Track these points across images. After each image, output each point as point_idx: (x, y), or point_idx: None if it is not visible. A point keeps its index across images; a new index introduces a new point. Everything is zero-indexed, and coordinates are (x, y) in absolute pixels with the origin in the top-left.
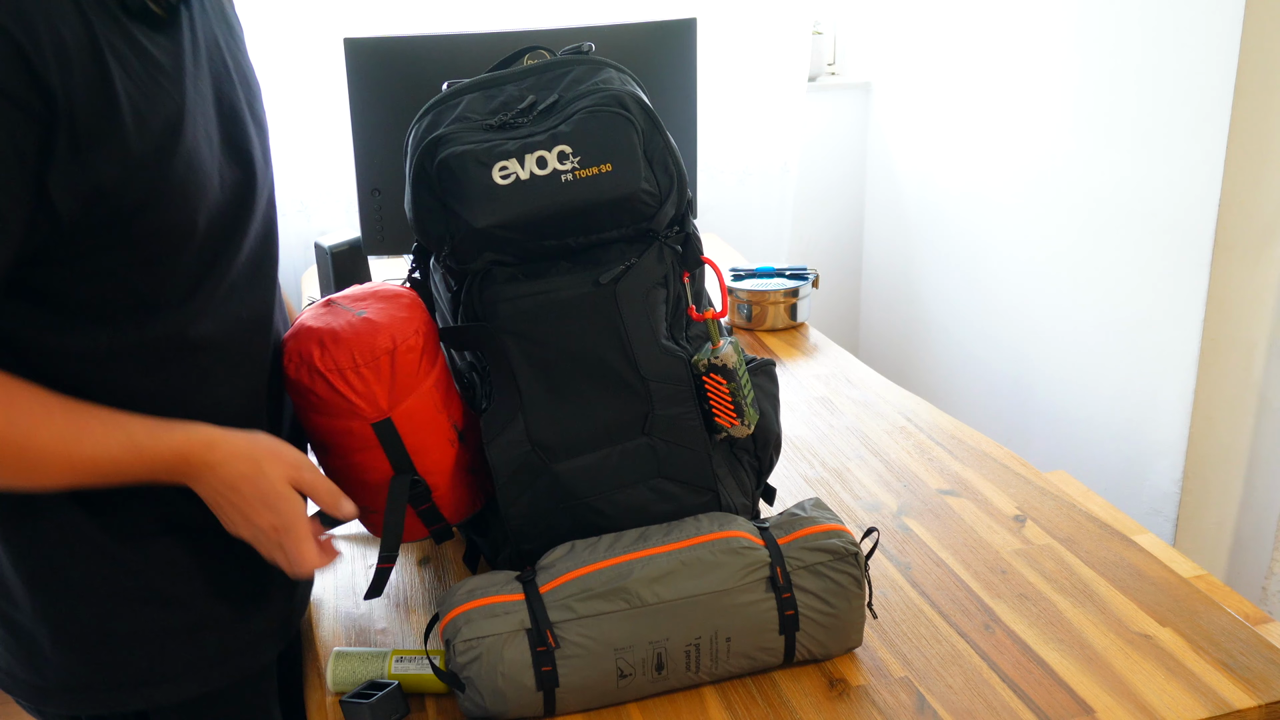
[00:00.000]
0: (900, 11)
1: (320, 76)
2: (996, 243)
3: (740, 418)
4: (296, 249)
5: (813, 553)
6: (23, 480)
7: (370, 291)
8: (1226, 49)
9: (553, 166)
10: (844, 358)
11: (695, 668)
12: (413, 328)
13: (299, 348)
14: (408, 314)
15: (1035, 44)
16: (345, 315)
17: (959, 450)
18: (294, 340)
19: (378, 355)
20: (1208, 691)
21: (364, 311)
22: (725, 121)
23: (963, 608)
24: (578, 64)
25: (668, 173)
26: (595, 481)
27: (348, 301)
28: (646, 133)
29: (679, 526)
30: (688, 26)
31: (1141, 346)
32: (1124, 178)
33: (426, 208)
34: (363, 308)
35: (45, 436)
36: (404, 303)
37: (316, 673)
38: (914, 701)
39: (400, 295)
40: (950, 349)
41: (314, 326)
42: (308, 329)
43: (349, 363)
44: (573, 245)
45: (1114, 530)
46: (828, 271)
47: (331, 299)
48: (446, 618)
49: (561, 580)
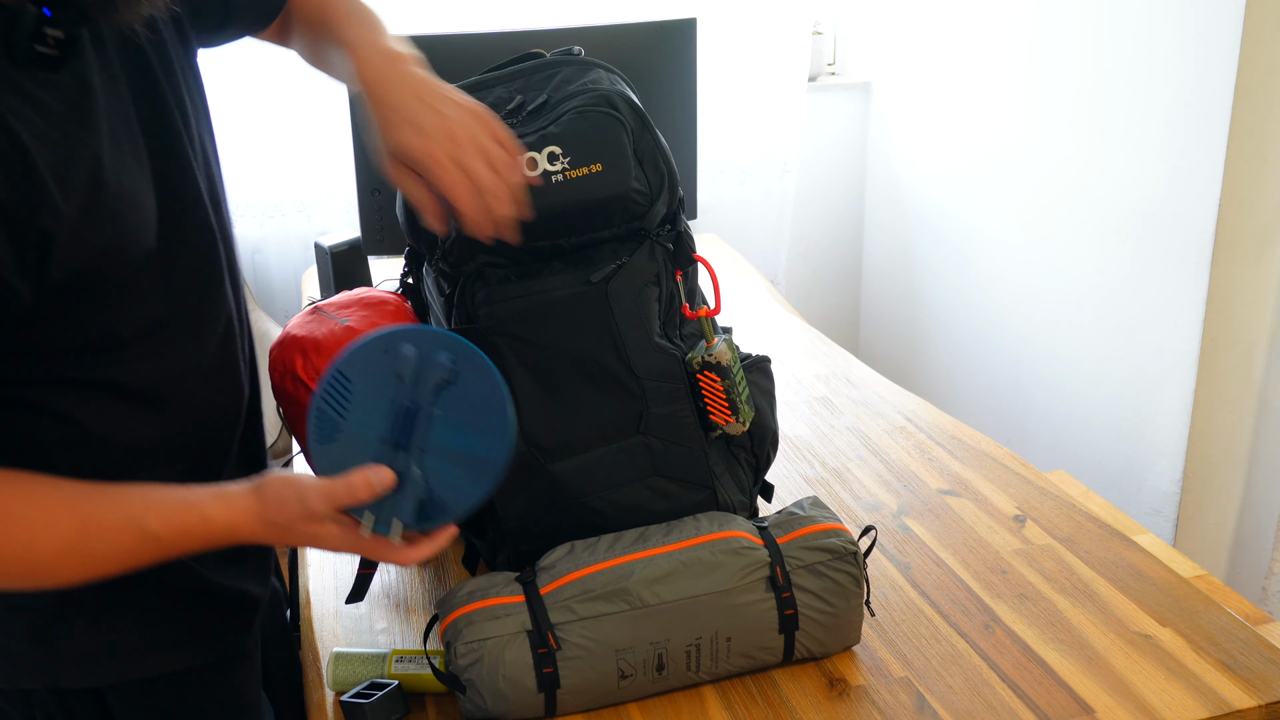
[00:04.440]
0: (900, 11)
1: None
2: (996, 242)
3: (735, 415)
4: (296, 249)
5: (812, 552)
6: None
7: (357, 298)
8: (1226, 49)
9: (543, 167)
10: (844, 358)
11: (695, 668)
12: None
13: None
14: (390, 321)
15: (1035, 44)
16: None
17: (959, 450)
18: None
19: None
20: (1208, 691)
21: (347, 319)
22: (725, 121)
23: (963, 608)
24: (566, 64)
25: (658, 171)
26: (591, 481)
27: (333, 309)
28: (636, 132)
29: (679, 526)
30: (688, 26)
31: (1141, 346)
32: (1124, 178)
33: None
34: (346, 315)
35: (47, 546)
36: (388, 310)
37: (316, 673)
38: (914, 701)
39: (386, 302)
40: (950, 349)
41: (298, 335)
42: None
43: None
44: (565, 245)
45: (1114, 530)
46: (828, 271)
47: (318, 306)
48: (447, 619)
49: (562, 582)
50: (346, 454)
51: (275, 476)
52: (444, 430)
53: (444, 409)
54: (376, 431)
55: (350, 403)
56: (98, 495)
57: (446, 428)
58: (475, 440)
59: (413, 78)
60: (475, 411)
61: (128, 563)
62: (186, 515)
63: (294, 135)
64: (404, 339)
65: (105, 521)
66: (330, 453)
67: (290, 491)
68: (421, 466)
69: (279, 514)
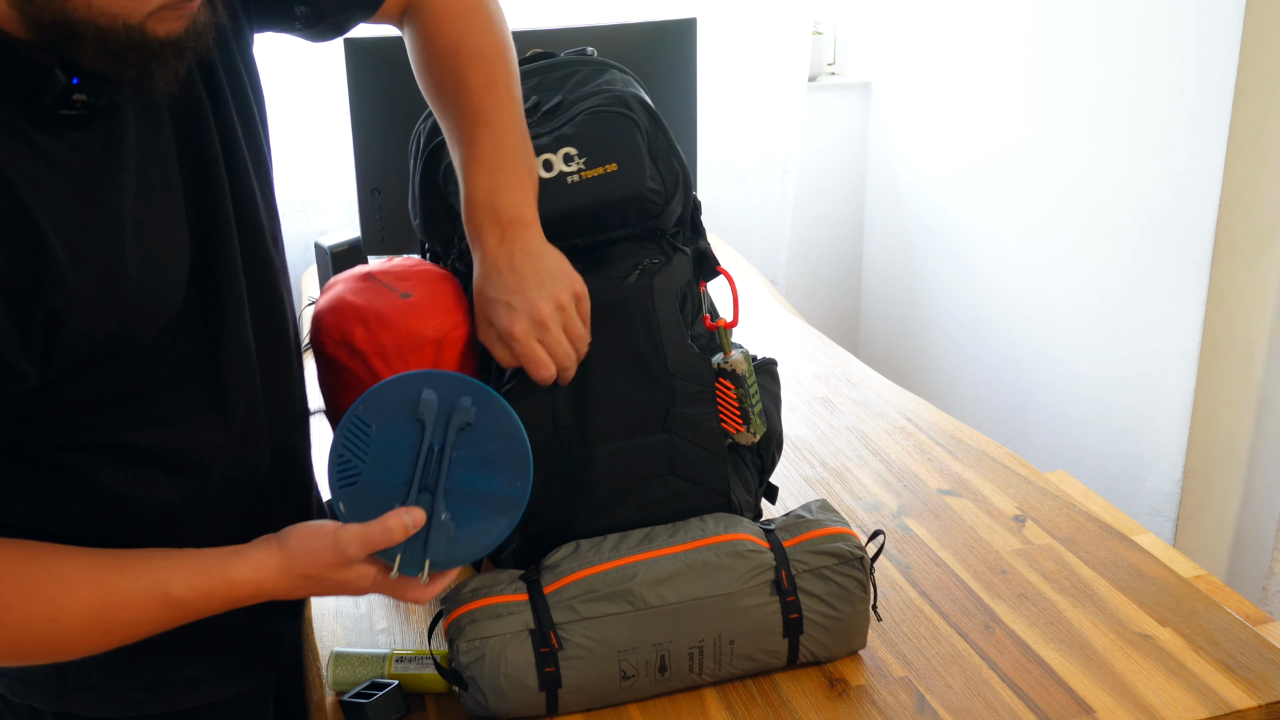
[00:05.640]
0: (900, 11)
1: (320, 76)
2: (996, 242)
3: (746, 425)
4: (296, 249)
5: (818, 556)
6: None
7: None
8: (1226, 49)
9: (559, 169)
10: (844, 358)
11: (698, 669)
12: (459, 317)
13: (340, 324)
14: (455, 301)
15: (1036, 44)
16: (389, 295)
17: (959, 450)
18: (333, 315)
19: (423, 344)
20: (1208, 691)
21: (409, 294)
22: (725, 121)
23: (963, 608)
24: (581, 65)
25: (672, 170)
26: (611, 471)
27: (389, 279)
28: (650, 132)
29: (684, 527)
30: (688, 26)
31: (1141, 346)
32: (1124, 178)
33: (433, 212)
34: (408, 289)
35: (73, 621)
36: (449, 289)
37: (316, 673)
38: (914, 701)
39: (445, 278)
40: (950, 349)
41: (356, 304)
42: (350, 306)
43: (394, 347)
44: (580, 245)
45: (1114, 530)
46: (828, 271)
47: (371, 272)
48: (450, 616)
49: (566, 581)
50: (369, 497)
51: (299, 529)
52: (466, 471)
53: (465, 450)
54: (399, 475)
55: (370, 447)
56: (119, 564)
57: (468, 469)
58: (497, 480)
59: (515, 251)
60: (496, 452)
61: (152, 630)
62: (211, 579)
63: (294, 135)
64: (423, 383)
65: (128, 592)
66: (353, 495)
67: (320, 541)
68: (447, 507)
69: (310, 566)
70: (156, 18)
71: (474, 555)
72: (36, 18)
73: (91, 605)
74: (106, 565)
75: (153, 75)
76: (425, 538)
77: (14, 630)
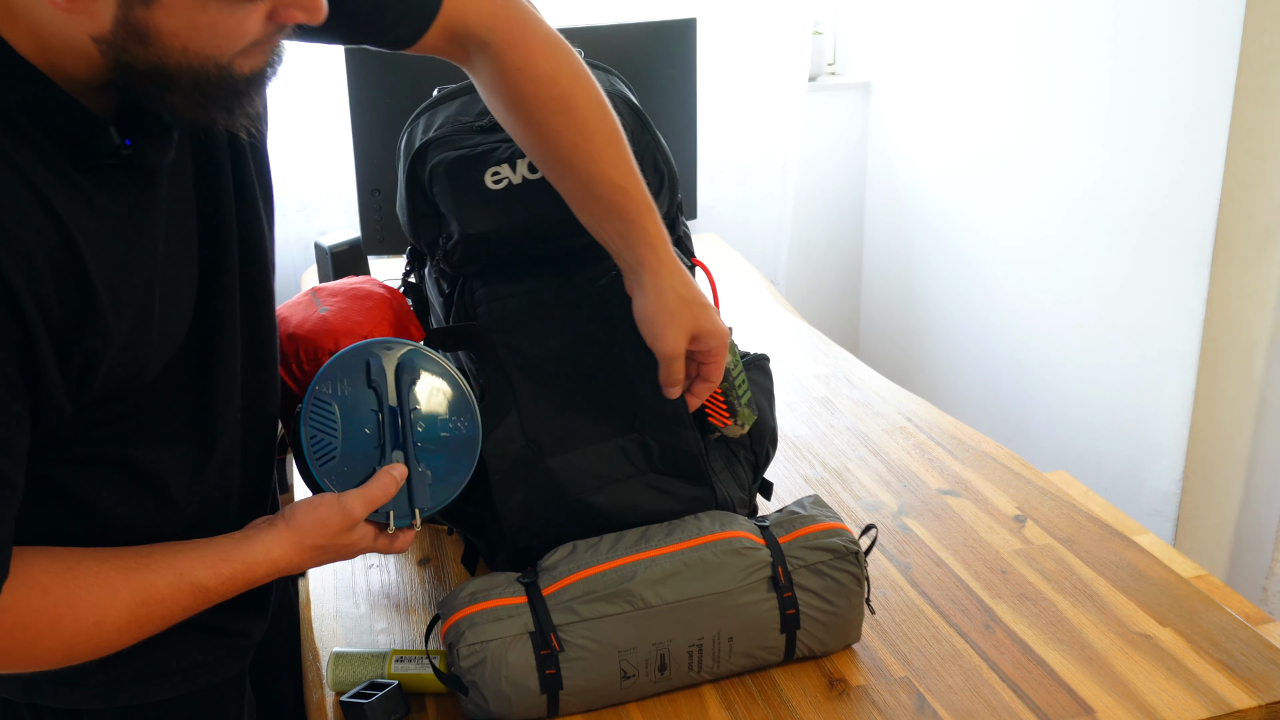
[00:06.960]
0: (900, 11)
1: (320, 77)
2: (996, 242)
3: (733, 417)
4: (296, 249)
5: (814, 551)
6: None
7: (348, 289)
8: (1226, 49)
9: None
10: (844, 358)
11: (697, 667)
12: (363, 331)
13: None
14: (364, 317)
15: (1036, 44)
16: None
17: (959, 450)
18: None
19: (319, 355)
20: (1208, 692)
21: (326, 309)
22: (725, 121)
23: (963, 608)
24: None
25: (657, 171)
26: (587, 477)
27: (324, 296)
28: (635, 132)
29: (680, 526)
30: (687, 26)
31: (1141, 346)
32: (1124, 178)
33: (420, 213)
34: (329, 304)
35: (114, 621)
36: (369, 305)
37: (316, 673)
38: (914, 701)
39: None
40: (950, 349)
41: (284, 315)
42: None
43: (294, 356)
44: (565, 246)
45: (1114, 530)
46: (828, 271)
47: (317, 289)
48: (448, 621)
49: (564, 583)
50: (348, 470)
51: (302, 505)
52: (425, 424)
53: (418, 403)
54: (370, 441)
55: (337, 422)
56: (147, 561)
57: (425, 421)
58: (450, 424)
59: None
60: (444, 400)
61: (180, 618)
62: (231, 565)
63: (294, 135)
64: (365, 354)
65: (160, 587)
66: (334, 470)
67: (327, 510)
68: (419, 458)
69: (321, 536)
70: (244, 54)
71: (453, 495)
72: (130, 66)
73: (130, 604)
74: (136, 563)
75: (234, 112)
76: (410, 490)
77: (66, 638)
